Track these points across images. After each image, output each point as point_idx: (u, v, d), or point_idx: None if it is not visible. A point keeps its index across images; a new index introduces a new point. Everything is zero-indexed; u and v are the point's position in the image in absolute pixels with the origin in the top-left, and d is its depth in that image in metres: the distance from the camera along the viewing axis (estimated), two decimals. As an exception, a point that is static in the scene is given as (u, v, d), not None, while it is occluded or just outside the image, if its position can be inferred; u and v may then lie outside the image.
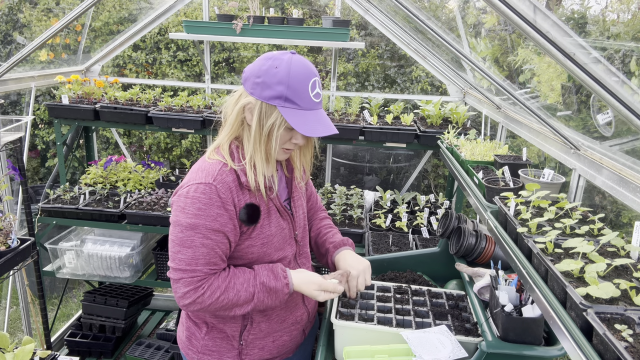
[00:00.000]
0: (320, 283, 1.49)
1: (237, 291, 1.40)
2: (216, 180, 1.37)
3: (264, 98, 1.33)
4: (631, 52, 1.81)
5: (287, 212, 1.54)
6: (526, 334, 1.40)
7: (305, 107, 1.34)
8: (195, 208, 1.35)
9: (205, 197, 1.35)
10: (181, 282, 1.38)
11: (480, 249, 2.02)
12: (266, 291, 1.43)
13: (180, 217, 1.37)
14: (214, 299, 1.38)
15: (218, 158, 1.43)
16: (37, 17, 4.83)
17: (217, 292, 1.38)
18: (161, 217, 2.86)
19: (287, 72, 1.31)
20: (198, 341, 1.57)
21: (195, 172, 1.42)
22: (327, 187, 3.53)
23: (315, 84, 1.35)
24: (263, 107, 1.34)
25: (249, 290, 1.41)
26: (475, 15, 3.21)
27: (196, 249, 1.36)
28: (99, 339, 3.31)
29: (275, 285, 1.43)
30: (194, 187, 1.37)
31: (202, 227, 1.35)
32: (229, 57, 5.15)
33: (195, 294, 1.37)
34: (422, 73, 5.04)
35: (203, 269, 1.37)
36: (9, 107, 4.80)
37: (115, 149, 5.19)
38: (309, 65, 1.36)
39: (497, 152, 2.26)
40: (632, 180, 1.41)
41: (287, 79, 1.31)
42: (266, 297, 1.43)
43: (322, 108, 1.40)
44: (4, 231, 2.13)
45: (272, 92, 1.32)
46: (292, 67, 1.32)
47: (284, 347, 1.61)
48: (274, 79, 1.31)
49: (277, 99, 1.32)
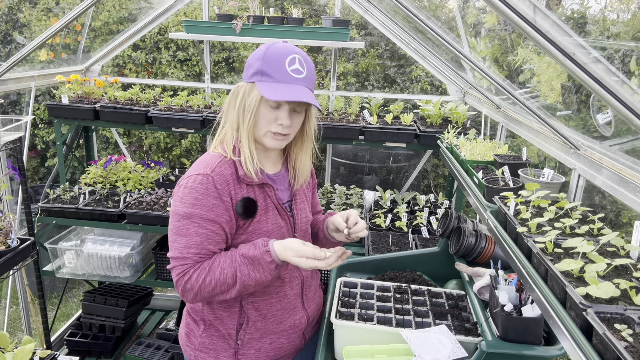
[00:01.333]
0: (297, 249, 1.37)
1: (222, 269, 1.38)
2: (214, 172, 1.40)
3: (247, 78, 1.41)
4: (631, 52, 1.81)
5: (286, 211, 1.54)
6: (526, 334, 1.40)
7: (281, 80, 1.36)
8: (193, 198, 1.38)
9: (202, 188, 1.38)
10: (175, 270, 1.41)
11: (480, 249, 2.02)
12: (249, 262, 1.38)
13: (178, 207, 1.40)
14: (201, 282, 1.37)
15: (220, 151, 1.46)
16: (37, 17, 4.83)
17: (202, 274, 1.38)
18: (161, 217, 2.86)
19: (266, 49, 1.38)
20: (196, 338, 1.58)
21: (197, 164, 1.46)
22: (327, 187, 3.53)
23: (295, 60, 1.38)
24: (247, 87, 1.41)
25: (233, 266, 1.38)
26: (475, 15, 3.21)
27: (190, 237, 1.38)
28: (99, 339, 3.31)
29: (255, 254, 1.38)
30: (193, 178, 1.40)
31: (197, 217, 1.37)
32: (229, 57, 5.15)
33: (183, 281, 1.39)
34: (422, 73, 5.03)
35: (194, 257, 1.39)
36: (9, 107, 4.80)
37: (115, 149, 5.19)
38: (292, 47, 1.40)
39: (497, 152, 2.26)
40: (632, 180, 1.41)
41: (263, 55, 1.37)
42: (250, 269, 1.37)
43: (304, 86, 1.39)
44: (4, 231, 2.13)
45: (252, 70, 1.39)
46: (272, 46, 1.39)
47: (282, 350, 1.60)
48: (254, 58, 1.40)
49: (256, 75, 1.38)
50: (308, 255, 1.36)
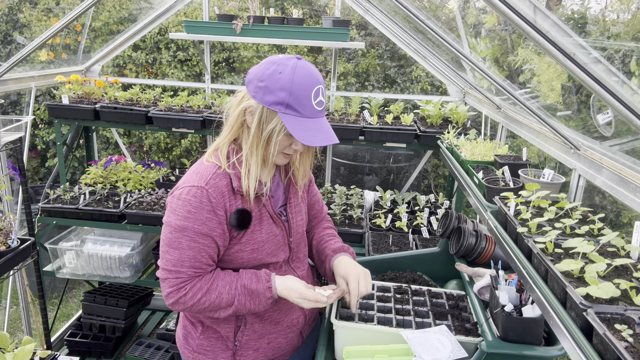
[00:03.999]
0: (301, 292, 1.43)
1: (219, 293, 1.40)
2: (209, 184, 1.37)
3: (266, 103, 1.32)
4: (631, 52, 1.81)
5: (281, 218, 1.52)
6: (526, 334, 1.40)
7: (307, 115, 1.32)
8: (185, 210, 1.36)
9: (195, 200, 1.36)
10: (166, 282, 1.40)
11: (480, 249, 2.02)
12: (248, 294, 1.41)
13: (170, 218, 1.38)
14: (196, 300, 1.39)
15: (214, 161, 1.42)
16: (37, 17, 4.83)
17: (198, 294, 1.39)
18: (161, 217, 2.86)
19: (291, 79, 1.29)
20: (194, 340, 1.57)
21: (191, 174, 1.43)
22: (327, 187, 3.53)
23: (319, 92, 1.34)
24: (264, 112, 1.33)
25: (230, 293, 1.41)
26: (475, 15, 3.21)
27: (182, 251, 1.37)
28: (99, 339, 3.31)
29: (256, 288, 1.42)
30: (187, 189, 1.38)
31: (190, 230, 1.36)
32: (229, 57, 5.15)
33: (177, 295, 1.39)
34: (422, 73, 5.03)
35: (187, 271, 1.38)
36: (9, 107, 4.80)
37: (115, 149, 5.19)
38: (313, 72, 1.34)
39: (497, 152, 2.26)
40: (632, 180, 1.41)
41: (289, 86, 1.29)
42: (248, 300, 1.42)
43: (324, 116, 1.39)
44: (4, 231, 2.13)
45: (274, 98, 1.30)
46: (295, 74, 1.30)
47: (279, 349, 1.60)
48: (277, 85, 1.30)
49: (279, 105, 1.31)
50: (310, 299, 1.43)
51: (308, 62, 1.38)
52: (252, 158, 1.38)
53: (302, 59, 1.36)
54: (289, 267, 1.59)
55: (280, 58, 1.34)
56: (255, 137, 1.36)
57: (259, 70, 1.35)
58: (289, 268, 1.59)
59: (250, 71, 1.38)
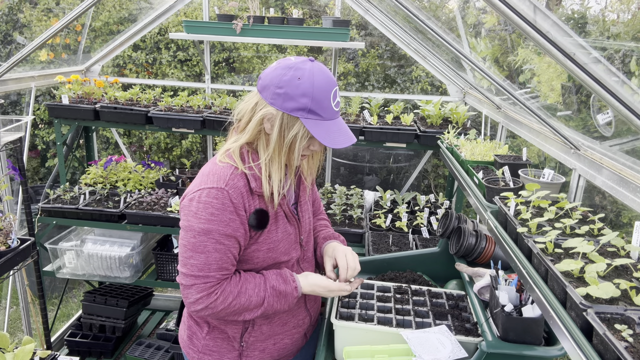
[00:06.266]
0: (325, 285, 1.50)
1: (249, 296, 1.40)
2: (228, 185, 1.35)
3: (286, 109, 1.30)
4: (631, 52, 1.81)
5: (295, 217, 1.53)
6: (526, 334, 1.40)
7: (327, 117, 1.33)
8: (208, 213, 1.33)
9: (217, 202, 1.34)
10: (194, 288, 1.37)
11: (480, 249, 2.02)
12: (276, 295, 1.43)
13: (192, 222, 1.35)
14: (227, 304, 1.38)
15: (229, 162, 1.40)
16: (37, 17, 4.83)
17: (229, 297, 1.38)
18: (161, 217, 2.86)
19: (311, 84, 1.28)
20: (199, 340, 1.57)
21: (205, 175, 1.40)
22: (327, 187, 3.53)
23: (336, 93, 1.35)
24: (285, 118, 1.31)
25: (260, 295, 1.41)
26: (475, 15, 3.21)
27: (209, 254, 1.35)
28: (99, 339, 3.31)
29: (285, 289, 1.44)
30: (206, 191, 1.35)
31: (215, 232, 1.34)
32: (229, 57, 5.15)
33: (208, 300, 1.37)
34: (422, 73, 5.03)
35: (216, 274, 1.37)
36: (9, 107, 4.80)
37: (115, 149, 5.19)
38: (329, 74, 1.35)
39: (497, 152, 2.26)
40: (632, 180, 1.41)
41: (311, 91, 1.28)
42: (276, 301, 1.44)
43: (340, 116, 1.40)
44: (4, 231, 2.13)
45: (296, 104, 1.29)
46: (315, 79, 1.29)
47: (285, 349, 1.61)
48: (298, 91, 1.28)
49: (301, 111, 1.29)
50: (334, 289, 1.51)
51: (321, 63, 1.37)
52: (274, 164, 1.38)
53: (315, 60, 1.35)
54: (299, 268, 1.60)
55: (295, 62, 1.32)
56: (277, 144, 1.35)
57: (274, 75, 1.32)
58: (299, 269, 1.60)
59: (264, 77, 1.35)
